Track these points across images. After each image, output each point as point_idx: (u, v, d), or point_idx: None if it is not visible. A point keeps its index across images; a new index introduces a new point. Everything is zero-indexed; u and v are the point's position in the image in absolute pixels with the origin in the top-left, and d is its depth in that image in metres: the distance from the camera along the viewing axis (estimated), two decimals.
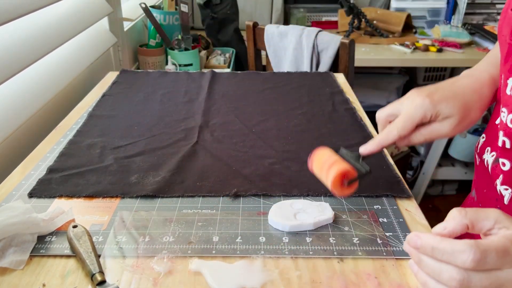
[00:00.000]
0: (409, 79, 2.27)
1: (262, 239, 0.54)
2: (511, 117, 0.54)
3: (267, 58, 1.59)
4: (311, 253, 0.52)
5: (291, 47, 1.47)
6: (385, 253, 0.52)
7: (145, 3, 1.44)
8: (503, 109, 0.56)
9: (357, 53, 1.39)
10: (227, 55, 1.69)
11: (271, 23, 1.78)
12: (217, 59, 1.64)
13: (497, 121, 0.60)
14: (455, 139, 1.98)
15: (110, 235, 0.55)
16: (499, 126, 0.58)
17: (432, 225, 0.57)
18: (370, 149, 0.58)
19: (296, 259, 0.51)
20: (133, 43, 1.51)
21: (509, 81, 0.54)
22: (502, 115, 0.56)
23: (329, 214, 0.58)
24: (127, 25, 1.44)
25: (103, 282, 0.47)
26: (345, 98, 0.97)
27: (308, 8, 2.23)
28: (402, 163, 2.03)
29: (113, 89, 1.01)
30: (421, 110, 0.55)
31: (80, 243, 0.51)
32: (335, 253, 0.52)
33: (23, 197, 0.63)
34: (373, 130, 0.83)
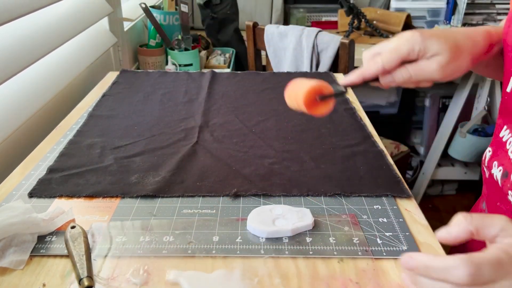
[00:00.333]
0: None
1: (262, 239, 0.54)
2: None
3: (267, 58, 1.59)
4: (310, 252, 0.52)
5: (291, 47, 1.47)
6: (360, 253, 0.52)
7: (145, 3, 1.44)
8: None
9: (357, 53, 1.39)
10: (227, 55, 1.69)
11: (271, 23, 1.77)
12: (217, 59, 1.64)
13: (501, 134, 0.59)
14: (455, 139, 1.97)
15: (109, 235, 0.55)
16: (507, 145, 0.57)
17: (432, 225, 0.57)
18: (351, 79, 0.55)
19: (295, 258, 0.51)
20: (133, 43, 1.51)
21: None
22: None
23: (308, 220, 0.56)
24: (127, 25, 1.44)
25: (90, 287, 0.46)
26: (345, 98, 0.97)
27: (308, 8, 2.23)
28: (401, 163, 2.02)
29: (113, 89, 1.01)
30: (409, 43, 0.52)
31: (74, 245, 0.50)
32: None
33: (23, 197, 0.63)
34: (373, 130, 0.83)
